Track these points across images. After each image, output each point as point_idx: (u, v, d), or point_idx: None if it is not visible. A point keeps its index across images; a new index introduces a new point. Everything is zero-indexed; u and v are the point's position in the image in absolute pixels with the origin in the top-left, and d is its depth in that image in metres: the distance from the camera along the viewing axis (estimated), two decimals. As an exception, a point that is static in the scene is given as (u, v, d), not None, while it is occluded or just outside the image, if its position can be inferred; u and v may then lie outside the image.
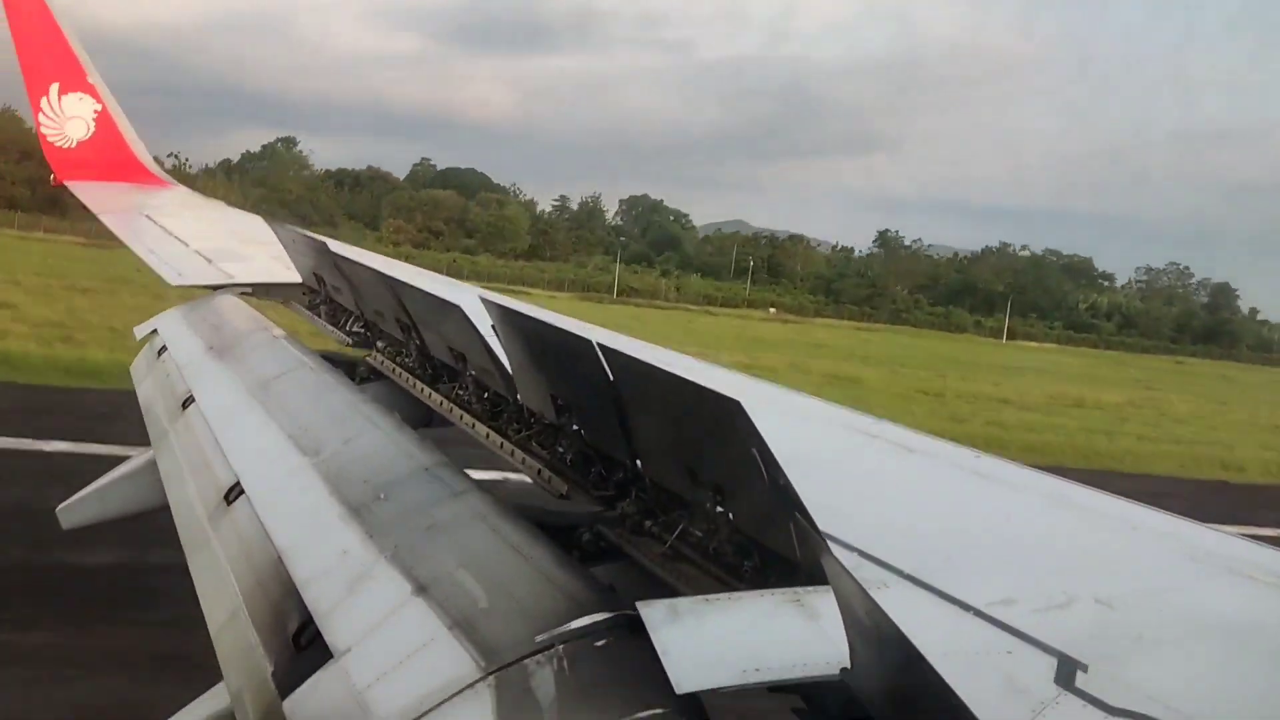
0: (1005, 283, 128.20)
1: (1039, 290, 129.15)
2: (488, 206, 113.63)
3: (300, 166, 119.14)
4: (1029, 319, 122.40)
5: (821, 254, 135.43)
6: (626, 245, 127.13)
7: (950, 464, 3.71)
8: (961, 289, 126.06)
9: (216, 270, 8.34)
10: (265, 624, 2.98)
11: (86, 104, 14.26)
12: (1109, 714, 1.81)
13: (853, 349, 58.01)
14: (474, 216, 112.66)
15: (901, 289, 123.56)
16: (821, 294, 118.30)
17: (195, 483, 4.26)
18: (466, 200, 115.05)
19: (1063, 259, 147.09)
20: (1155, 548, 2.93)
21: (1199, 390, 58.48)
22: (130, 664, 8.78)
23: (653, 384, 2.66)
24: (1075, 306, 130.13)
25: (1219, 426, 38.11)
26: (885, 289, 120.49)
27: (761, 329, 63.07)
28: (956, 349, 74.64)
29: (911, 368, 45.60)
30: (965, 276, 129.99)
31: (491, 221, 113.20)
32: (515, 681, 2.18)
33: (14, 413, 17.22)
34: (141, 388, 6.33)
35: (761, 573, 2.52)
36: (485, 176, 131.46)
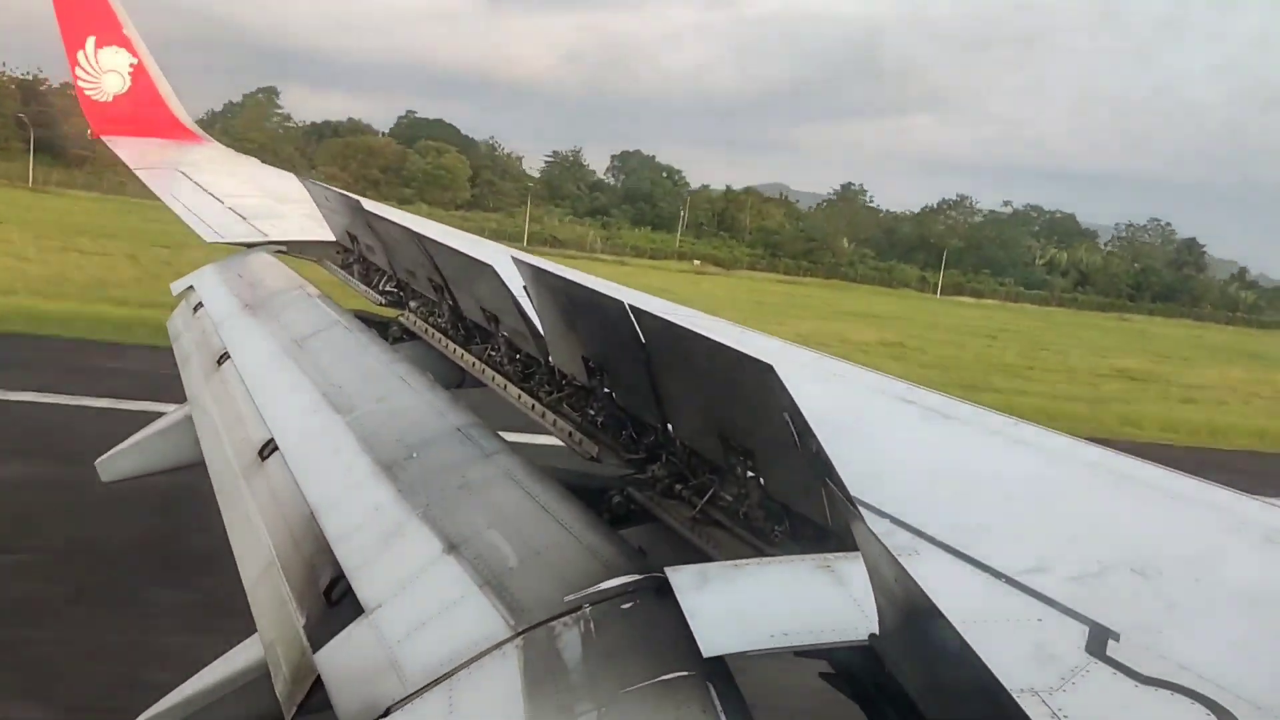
0: (960, 238, 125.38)
1: (996, 246, 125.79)
2: (425, 155, 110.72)
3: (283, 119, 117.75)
4: (980, 274, 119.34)
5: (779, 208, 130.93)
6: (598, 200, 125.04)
7: (987, 430, 3.66)
8: (917, 244, 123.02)
9: (251, 228, 8.40)
10: (298, 578, 3.03)
11: (122, 58, 14.32)
12: (1140, 683, 1.80)
13: (741, 299, 55.96)
14: (411, 165, 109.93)
15: (849, 243, 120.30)
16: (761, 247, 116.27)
17: (230, 438, 4.32)
18: (405, 149, 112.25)
19: (1044, 215, 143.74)
20: (1193, 516, 2.89)
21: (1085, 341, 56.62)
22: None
23: (685, 347, 2.64)
24: (1031, 262, 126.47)
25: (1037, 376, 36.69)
26: (826, 243, 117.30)
27: (668, 279, 61.30)
28: (869, 302, 71.47)
29: (777, 317, 43.43)
30: (920, 231, 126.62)
31: (428, 170, 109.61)
32: (543, 641, 2.20)
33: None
34: (178, 343, 6.42)
35: (792, 538, 2.51)
36: (454, 128, 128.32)
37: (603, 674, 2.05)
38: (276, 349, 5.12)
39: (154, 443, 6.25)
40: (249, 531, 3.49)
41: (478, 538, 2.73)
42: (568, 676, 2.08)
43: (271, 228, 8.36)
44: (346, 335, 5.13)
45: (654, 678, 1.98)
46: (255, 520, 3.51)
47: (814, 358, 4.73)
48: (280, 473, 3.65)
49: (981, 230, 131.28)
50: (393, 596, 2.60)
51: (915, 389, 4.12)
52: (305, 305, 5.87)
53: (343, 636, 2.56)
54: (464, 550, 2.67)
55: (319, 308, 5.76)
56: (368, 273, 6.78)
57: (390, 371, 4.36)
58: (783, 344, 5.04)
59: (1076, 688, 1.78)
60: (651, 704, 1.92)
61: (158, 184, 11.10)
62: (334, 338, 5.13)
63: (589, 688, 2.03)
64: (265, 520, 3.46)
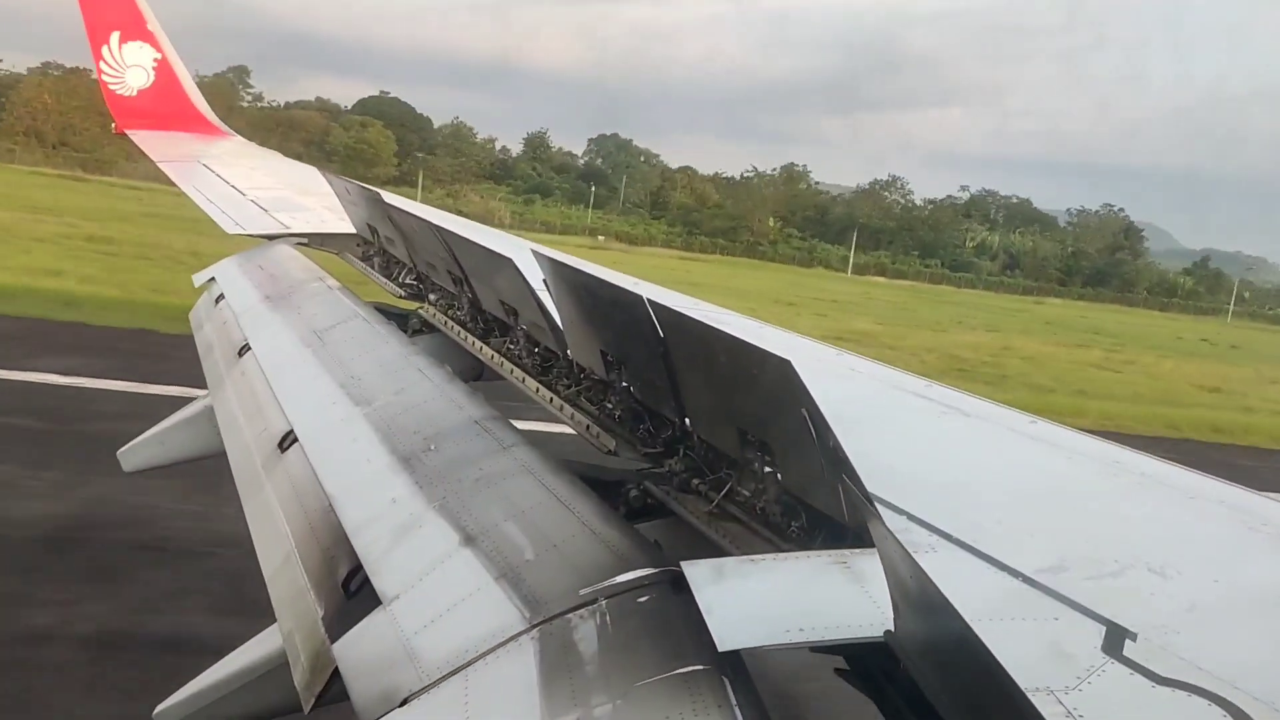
0: (893, 219, 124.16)
1: (928, 229, 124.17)
2: (349, 129, 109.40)
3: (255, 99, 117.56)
4: (909, 256, 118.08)
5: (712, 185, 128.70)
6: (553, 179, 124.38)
7: (1004, 428, 3.65)
8: (850, 224, 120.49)
9: (272, 220, 8.46)
10: (316, 569, 3.06)
11: (146, 52, 14.43)
12: (1156, 684, 1.79)
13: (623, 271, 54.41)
14: (334, 139, 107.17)
15: (774, 222, 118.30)
16: (680, 224, 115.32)
17: (251, 429, 4.36)
18: (330, 122, 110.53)
19: (999, 200, 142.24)
20: (1212, 516, 2.86)
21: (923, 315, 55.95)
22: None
23: (703, 341, 2.64)
24: (961, 245, 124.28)
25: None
26: (745, 221, 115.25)
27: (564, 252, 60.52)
28: (749, 277, 69.77)
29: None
30: (851, 212, 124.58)
31: (349, 144, 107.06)
32: (559, 633, 2.21)
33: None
34: (200, 334, 6.47)
35: (808, 534, 2.51)
36: (409, 106, 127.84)
37: (618, 667, 2.06)
38: (296, 341, 5.16)
39: (175, 433, 6.31)
40: (268, 522, 3.52)
41: (495, 530, 2.74)
42: (583, 669, 2.09)
43: (292, 220, 8.42)
44: (366, 327, 5.16)
45: (669, 671, 1.98)
46: (274, 511, 3.54)
47: (832, 353, 4.72)
48: (299, 464, 3.68)
49: (913, 213, 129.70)
50: (410, 588, 2.61)
51: (933, 385, 4.11)
52: (325, 297, 5.91)
53: (360, 627, 2.58)
54: (481, 542, 2.69)
55: (339, 300, 5.79)
56: (388, 265, 6.82)
57: (409, 364, 4.39)
58: (801, 339, 5.04)
59: (1092, 687, 1.78)
60: (666, 697, 1.93)
61: (180, 176, 11.19)
62: (353, 330, 5.16)
63: (604, 680, 2.04)
64: (284, 511, 3.49)
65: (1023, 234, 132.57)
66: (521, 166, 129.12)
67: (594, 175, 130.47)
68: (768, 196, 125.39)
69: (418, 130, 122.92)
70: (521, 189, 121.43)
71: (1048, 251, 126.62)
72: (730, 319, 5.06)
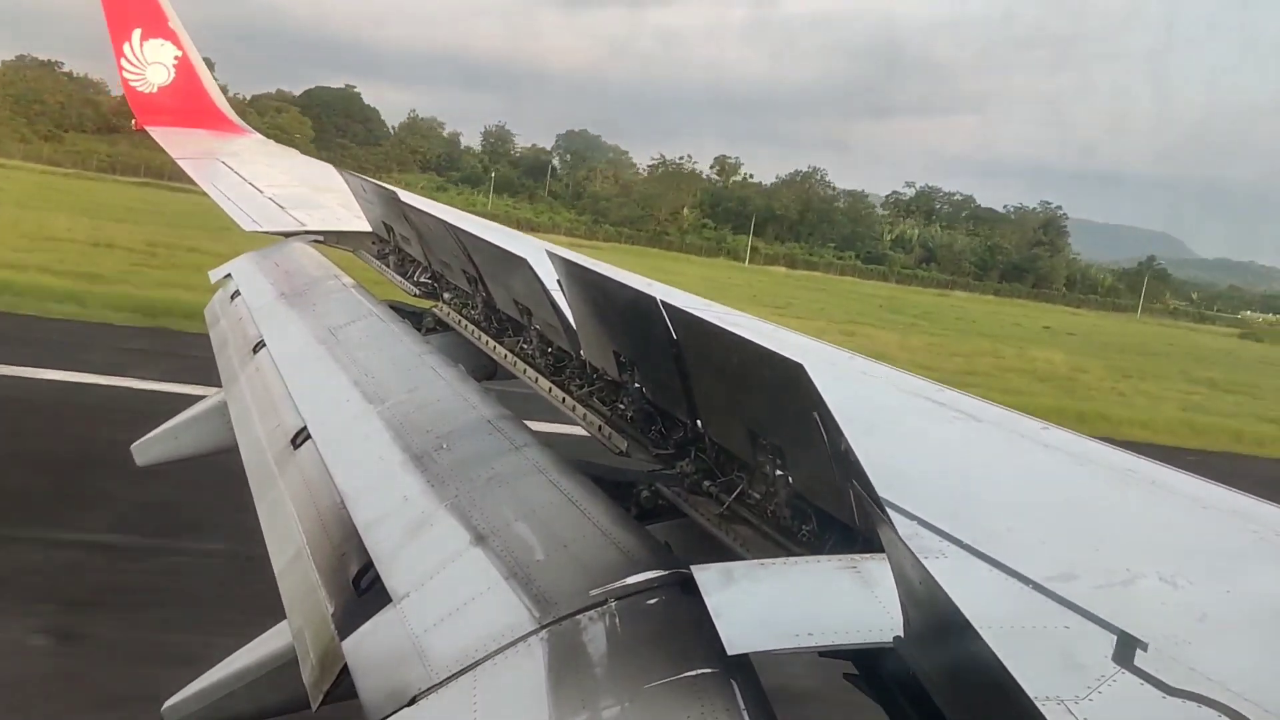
0: (812, 211, 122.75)
1: (848, 221, 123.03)
2: (264, 114, 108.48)
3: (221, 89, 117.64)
4: (826, 248, 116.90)
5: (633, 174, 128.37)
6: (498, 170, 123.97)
7: (1016, 434, 3.63)
8: (769, 217, 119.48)
9: (289, 217, 8.50)
10: (327, 566, 3.07)
11: (167, 50, 14.53)
12: (1167, 694, 1.77)
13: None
14: (250, 123, 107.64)
15: (688, 212, 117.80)
16: (590, 214, 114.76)
17: (264, 425, 4.38)
18: (246, 106, 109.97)
19: (941, 195, 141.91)
20: (1224, 526, 2.84)
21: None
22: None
23: (716, 344, 2.64)
24: (879, 238, 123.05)
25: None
26: (653, 210, 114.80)
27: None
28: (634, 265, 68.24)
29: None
30: (769, 203, 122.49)
31: (263, 129, 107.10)
32: (568, 634, 2.21)
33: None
34: (215, 330, 6.51)
35: (818, 537, 2.50)
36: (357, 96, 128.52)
37: (627, 669, 2.06)
38: (311, 338, 5.18)
39: (189, 428, 6.36)
40: (280, 518, 3.54)
41: (505, 530, 2.75)
42: (592, 670, 2.09)
43: (308, 217, 8.46)
44: (380, 325, 5.18)
45: (678, 674, 1.98)
46: (287, 507, 3.56)
47: (844, 356, 4.71)
48: (312, 461, 3.70)
49: (833, 204, 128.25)
50: (420, 586, 2.62)
51: (944, 390, 4.09)
52: (340, 295, 5.93)
53: (370, 625, 2.58)
54: (491, 542, 2.69)
55: (354, 298, 5.82)
56: (403, 264, 6.84)
57: (422, 362, 4.40)
58: (812, 342, 5.03)
59: (1103, 697, 1.77)
60: (675, 700, 1.93)
61: (199, 173, 11.27)
62: (368, 328, 5.18)
63: (613, 682, 2.04)
64: (296, 508, 3.51)
65: (946, 229, 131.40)
66: (468, 159, 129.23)
67: (540, 169, 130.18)
68: (689, 188, 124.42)
69: (363, 121, 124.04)
70: (456, 179, 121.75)
71: (964, 245, 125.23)
72: (743, 321, 5.05)
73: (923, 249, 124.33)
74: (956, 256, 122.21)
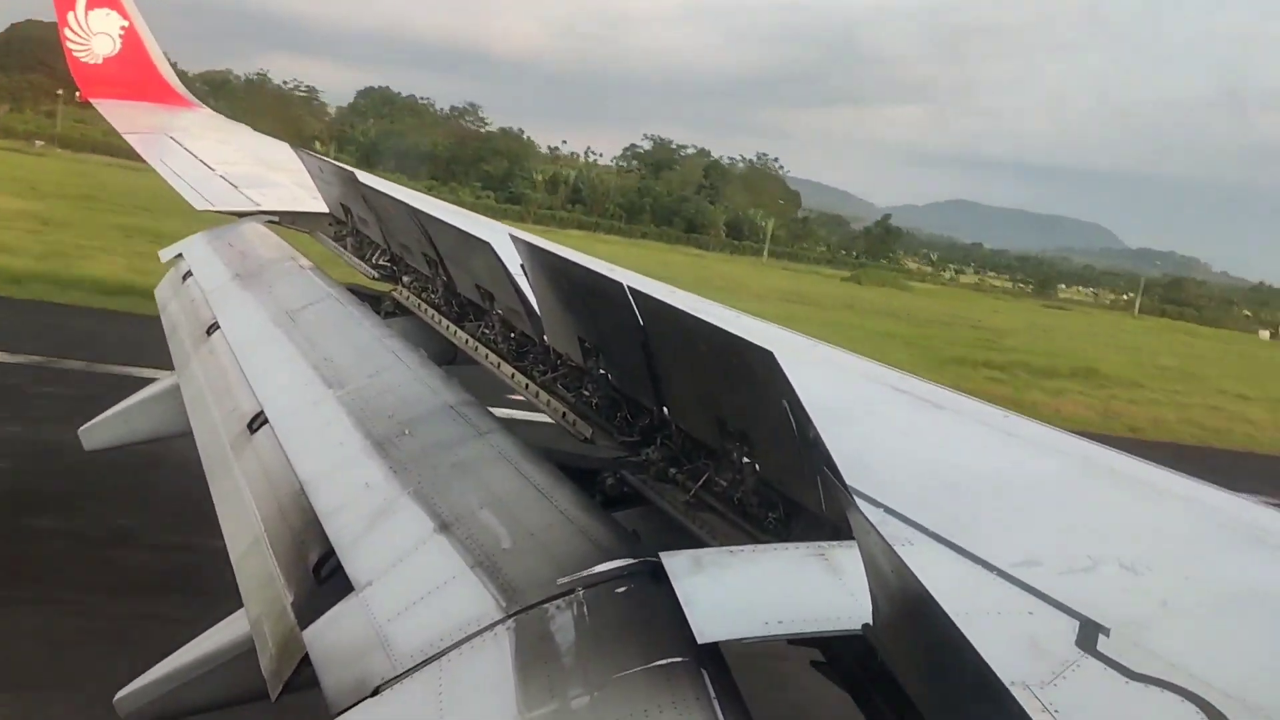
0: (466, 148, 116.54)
1: (502, 160, 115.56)
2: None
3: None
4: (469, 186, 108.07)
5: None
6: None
7: (978, 422, 3.67)
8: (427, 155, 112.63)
9: (242, 196, 8.31)
10: (286, 554, 3.01)
11: (113, 20, 14.11)
12: (1130, 679, 1.80)
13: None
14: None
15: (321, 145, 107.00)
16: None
17: (219, 410, 4.29)
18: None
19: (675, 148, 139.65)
20: (1183, 514, 2.90)
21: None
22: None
23: (683, 330, 2.63)
24: (530, 178, 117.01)
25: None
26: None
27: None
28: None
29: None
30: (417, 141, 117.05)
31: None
32: (535, 624, 2.19)
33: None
34: (166, 312, 6.36)
35: (785, 525, 2.51)
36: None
37: (595, 658, 2.04)
38: (267, 320, 5.08)
39: (139, 412, 6.21)
40: (237, 505, 3.47)
41: (470, 517, 2.72)
42: (560, 660, 2.08)
43: (263, 197, 8.27)
44: (339, 308, 5.09)
45: (647, 663, 1.97)
46: (244, 494, 3.48)
47: (809, 344, 4.72)
48: (270, 446, 3.63)
49: (489, 142, 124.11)
50: (383, 575, 2.58)
51: (908, 378, 4.13)
52: (297, 277, 5.82)
53: (331, 614, 2.54)
54: (456, 530, 2.66)
55: (311, 280, 5.71)
56: (361, 246, 6.73)
57: (383, 346, 4.34)
58: (779, 330, 5.04)
59: (1067, 682, 1.79)
60: (645, 689, 1.92)
61: (147, 149, 10.96)
62: (326, 311, 5.09)
63: (581, 671, 2.02)
64: (253, 494, 3.44)
65: (617, 174, 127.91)
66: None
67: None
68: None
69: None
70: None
71: (612, 186, 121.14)
72: (710, 308, 5.05)
73: (572, 190, 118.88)
74: (603, 198, 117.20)
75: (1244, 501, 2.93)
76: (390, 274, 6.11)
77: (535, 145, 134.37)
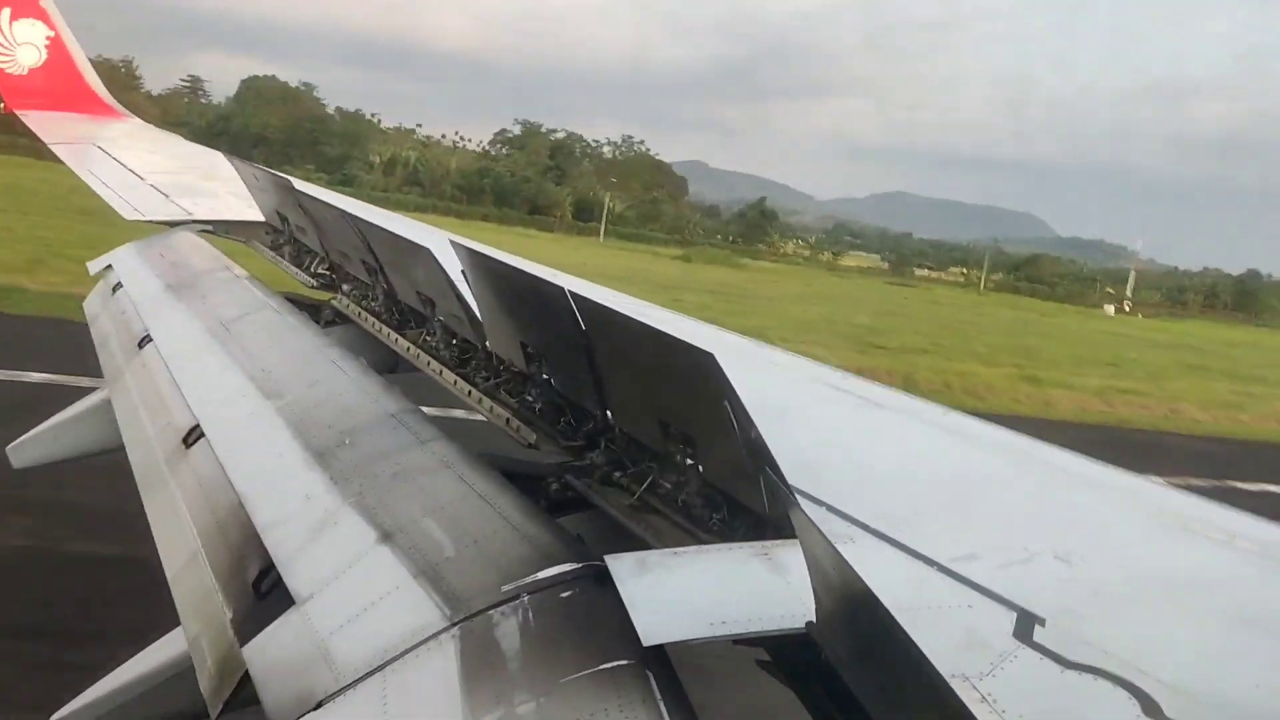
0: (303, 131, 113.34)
1: (341, 140, 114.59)
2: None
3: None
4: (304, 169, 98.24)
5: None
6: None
7: (916, 419, 3.73)
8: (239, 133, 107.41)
9: (174, 206, 8.12)
10: (224, 569, 2.95)
11: (38, 30, 13.73)
12: (1065, 668, 1.85)
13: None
14: None
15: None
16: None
17: (153, 424, 4.18)
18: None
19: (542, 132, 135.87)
20: (1114, 504, 2.98)
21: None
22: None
23: (625, 334, 2.63)
24: (365, 160, 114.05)
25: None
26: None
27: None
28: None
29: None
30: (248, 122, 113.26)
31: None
32: (480, 631, 2.17)
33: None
34: (95, 325, 6.18)
35: (729, 525, 2.52)
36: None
37: (541, 664, 2.03)
38: (202, 332, 4.97)
39: (70, 428, 6.03)
40: (173, 521, 3.38)
41: (413, 527, 2.68)
42: (506, 667, 2.06)
43: (196, 206, 8.09)
44: (276, 318, 5.00)
45: (593, 667, 1.97)
46: (180, 509, 3.40)
47: (751, 345, 4.77)
48: (206, 460, 3.55)
49: (325, 124, 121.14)
50: (324, 588, 2.54)
51: (849, 377, 4.18)
52: (232, 287, 5.71)
53: (272, 629, 2.49)
54: (398, 539, 2.63)
55: (247, 289, 5.60)
56: (299, 254, 6.62)
57: (322, 356, 4.27)
58: (720, 331, 5.07)
59: (1005, 672, 1.83)
60: (591, 693, 1.92)
61: (75, 160, 10.67)
62: (263, 321, 4.99)
63: (527, 678, 2.01)
64: (190, 509, 3.35)
65: (475, 157, 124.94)
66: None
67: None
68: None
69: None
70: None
71: (452, 167, 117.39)
72: (652, 311, 5.06)
73: (409, 171, 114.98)
74: (439, 180, 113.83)
75: (1173, 490, 3.03)
76: (329, 282, 6.02)
77: (378, 126, 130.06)
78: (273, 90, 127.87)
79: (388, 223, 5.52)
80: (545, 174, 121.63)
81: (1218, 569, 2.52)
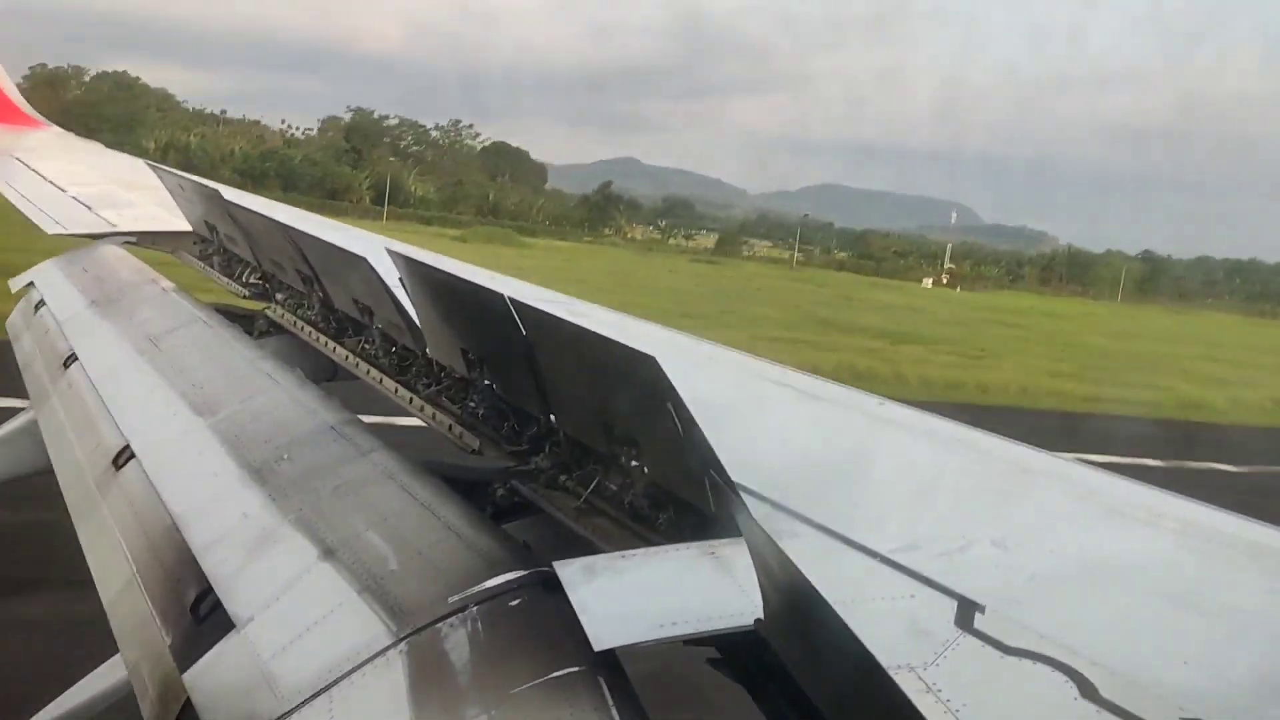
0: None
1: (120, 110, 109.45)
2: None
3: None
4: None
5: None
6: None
7: (855, 411, 3.78)
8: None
9: (97, 218, 7.88)
10: (161, 594, 2.87)
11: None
12: (1005, 654, 1.89)
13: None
14: None
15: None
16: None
17: (81, 446, 4.06)
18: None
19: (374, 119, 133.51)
20: (1045, 490, 3.05)
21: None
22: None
23: (566, 338, 2.62)
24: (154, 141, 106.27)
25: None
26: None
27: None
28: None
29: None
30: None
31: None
32: (429, 645, 2.15)
33: None
34: (19, 345, 5.98)
35: (676, 525, 2.53)
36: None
37: (491, 675, 2.02)
38: (129, 349, 4.83)
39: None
40: (106, 546, 3.28)
41: (355, 541, 2.64)
42: (455, 680, 2.04)
43: (120, 217, 7.86)
44: (207, 331, 4.88)
45: (544, 675, 1.96)
46: (112, 533, 3.30)
47: (692, 343, 4.78)
48: (138, 482, 3.45)
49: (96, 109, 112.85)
50: (265, 608, 2.49)
51: (789, 372, 4.22)
52: (160, 300, 5.56)
53: (212, 654, 2.43)
54: (341, 555, 2.58)
55: (175, 302, 5.46)
56: (229, 264, 6.47)
57: (256, 368, 4.18)
58: (662, 330, 5.08)
59: (948, 660, 1.86)
60: (543, 702, 1.91)
61: (-11, 172, 10.29)
62: (193, 334, 4.87)
63: (478, 690, 1.99)
64: (123, 533, 3.26)
65: (284, 142, 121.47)
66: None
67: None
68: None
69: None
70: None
71: (233, 150, 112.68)
72: (594, 313, 5.05)
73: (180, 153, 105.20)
74: (216, 164, 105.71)
75: (1102, 475, 3.10)
76: (262, 292, 5.90)
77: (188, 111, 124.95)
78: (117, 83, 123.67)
79: (322, 231, 5.43)
80: (340, 158, 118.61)
81: (1145, 550, 2.58)
